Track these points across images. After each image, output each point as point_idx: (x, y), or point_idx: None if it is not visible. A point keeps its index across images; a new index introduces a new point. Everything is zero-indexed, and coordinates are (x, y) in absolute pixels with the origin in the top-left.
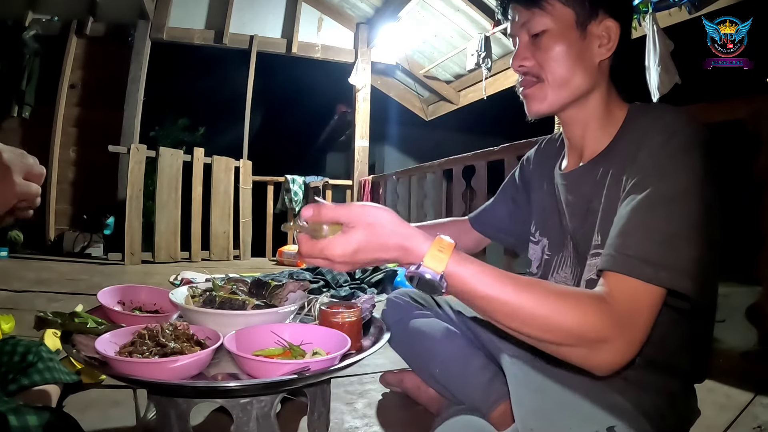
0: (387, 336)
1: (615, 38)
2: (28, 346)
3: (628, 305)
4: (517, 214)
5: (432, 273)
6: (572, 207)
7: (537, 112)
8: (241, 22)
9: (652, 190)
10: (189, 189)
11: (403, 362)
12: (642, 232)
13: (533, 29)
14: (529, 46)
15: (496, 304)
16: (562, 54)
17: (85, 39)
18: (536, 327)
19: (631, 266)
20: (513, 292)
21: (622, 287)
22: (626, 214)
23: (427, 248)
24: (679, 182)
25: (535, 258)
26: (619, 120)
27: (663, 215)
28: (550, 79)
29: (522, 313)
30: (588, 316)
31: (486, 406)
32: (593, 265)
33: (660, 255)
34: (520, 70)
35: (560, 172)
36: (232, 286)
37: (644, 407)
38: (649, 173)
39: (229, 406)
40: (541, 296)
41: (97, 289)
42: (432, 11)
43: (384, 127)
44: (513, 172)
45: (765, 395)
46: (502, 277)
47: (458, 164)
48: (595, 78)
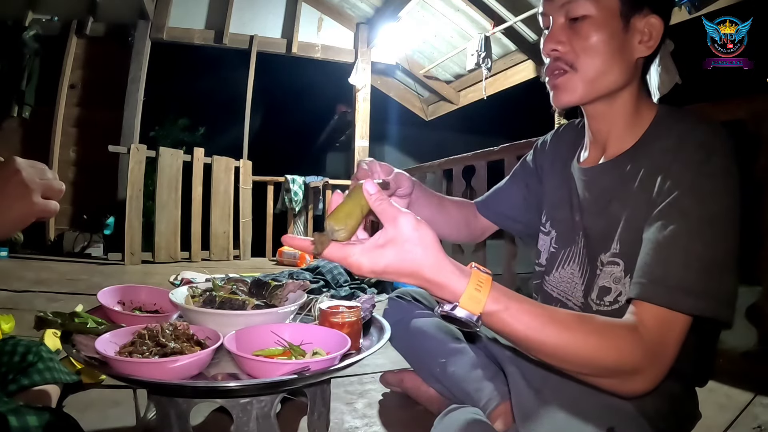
0: (387, 336)
1: (657, 37)
2: (28, 346)
3: (661, 335)
4: (529, 200)
5: (468, 315)
6: (589, 204)
7: (566, 104)
8: (241, 22)
9: (691, 213)
10: (189, 189)
11: (403, 362)
12: (681, 260)
13: (573, 12)
14: (565, 30)
15: (536, 344)
16: (602, 44)
17: (85, 39)
18: (575, 364)
19: (670, 297)
20: (554, 333)
21: (657, 317)
22: (663, 239)
23: (464, 287)
24: (719, 206)
25: (544, 249)
26: (647, 119)
27: (703, 241)
28: (584, 69)
29: (562, 352)
30: (624, 352)
31: (486, 406)
32: (609, 274)
33: (701, 284)
34: (552, 54)
35: (579, 166)
36: (232, 286)
37: (645, 408)
38: (686, 193)
39: (229, 406)
40: (581, 336)
41: (97, 289)
42: (432, 11)
43: (384, 127)
44: (525, 156)
45: (765, 395)
46: (542, 317)
47: (458, 164)
48: (631, 74)
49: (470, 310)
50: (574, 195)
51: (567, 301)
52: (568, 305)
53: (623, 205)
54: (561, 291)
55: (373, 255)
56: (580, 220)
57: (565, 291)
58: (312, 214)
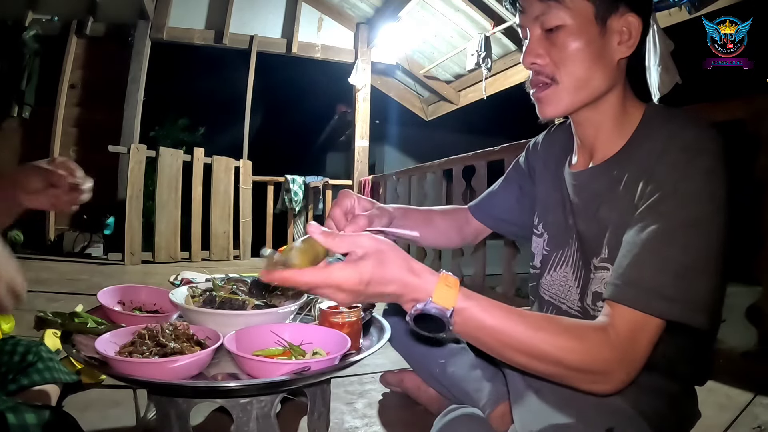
0: (387, 336)
1: (636, 35)
2: (28, 346)
3: (632, 337)
4: (523, 202)
5: (441, 309)
6: (580, 209)
7: (551, 116)
8: (241, 22)
9: (671, 215)
10: (189, 189)
11: (403, 362)
12: (657, 263)
13: (548, 23)
14: (542, 41)
15: (505, 338)
16: (581, 53)
17: (85, 39)
18: (543, 362)
19: (642, 300)
20: (522, 330)
21: (627, 319)
22: (640, 240)
23: (436, 283)
24: (701, 210)
25: (537, 251)
26: (635, 121)
27: (681, 245)
28: (566, 80)
29: (530, 350)
30: (592, 352)
31: (485, 407)
32: (600, 279)
33: (674, 288)
34: (532, 68)
35: (569, 170)
36: (232, 286)
37: (643, 408)
38: (668, 195)
39: (229, 406)
40: (550, 335)
41: (97, 289)
42: (432, 11)
43: (384, 127)
44: (517, 158)
45: (765, 395)
46: (511, 313)
47: (458, 164)
48: (614, 77)
49: (443, 305)
50: (566, 198)
51: (561, 305)
52: (561, 309)
53: (611, 210)
54: (554, 294)
55: (355, 271)
56: (573, 224)
57: (558, 294)
58: (312, 214)
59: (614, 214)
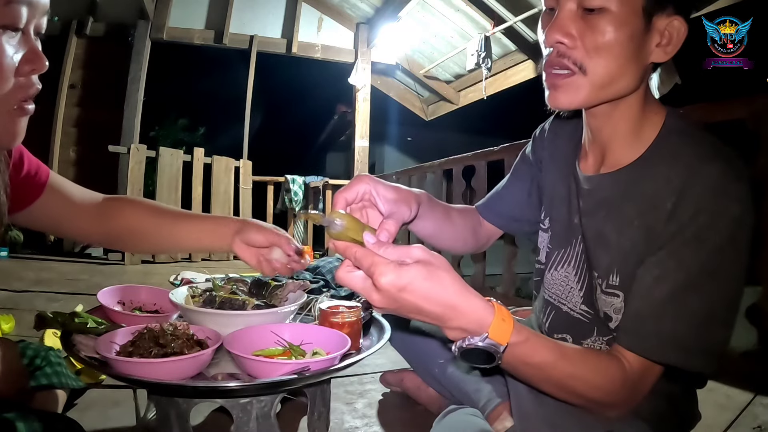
0: (387, 336)
1: (678, 42)
2: (36, 350)
3: (644, 377)
4: (534, 194)
5: (495, 345)
6: (587, 212)
7: (565, 107)
8: (241, 22)
9: (691, 266)
10: (189, 189)
11: (403, 362)
12: (676, 312)
13: (589, 1)
14: (576, 20)
15: (545, 375)
16: (619, 46)
17: (85, 39)
18: (571, 395)
19: (660, 352)
20: (563, 367)
21: (643, 363)
22: (659, 288)
23: (492, 317)
24: (724, 259)
25: (542, 246)
26: (654, 130)
27: (701, 295)
28: (594, 73)
29: (565, 386)
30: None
31: (485, 407)
32: (609, 303)
33: (692, 339)
34: (557, 47)
35: (580, 171)
36: (232, 286)
37: (642, 410)
38: (691, 241)
39: (229, 406)
40: (587, 372)
41: (97, 289)
42: (432, 11)
43: (384, 127)
44: (523, 149)
45: (765, 395)
46: (554, 351)
47: (458, 164)
48: (641, 80)
49: (498, 340)
50: (573, 196)
51: (561, 306)
52: (561, 310)
53: (619, 231)
54: (554, 294)
55: (397, 271)
56: (578, 224)
57: (558, 294)
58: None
59: (623, 238)
